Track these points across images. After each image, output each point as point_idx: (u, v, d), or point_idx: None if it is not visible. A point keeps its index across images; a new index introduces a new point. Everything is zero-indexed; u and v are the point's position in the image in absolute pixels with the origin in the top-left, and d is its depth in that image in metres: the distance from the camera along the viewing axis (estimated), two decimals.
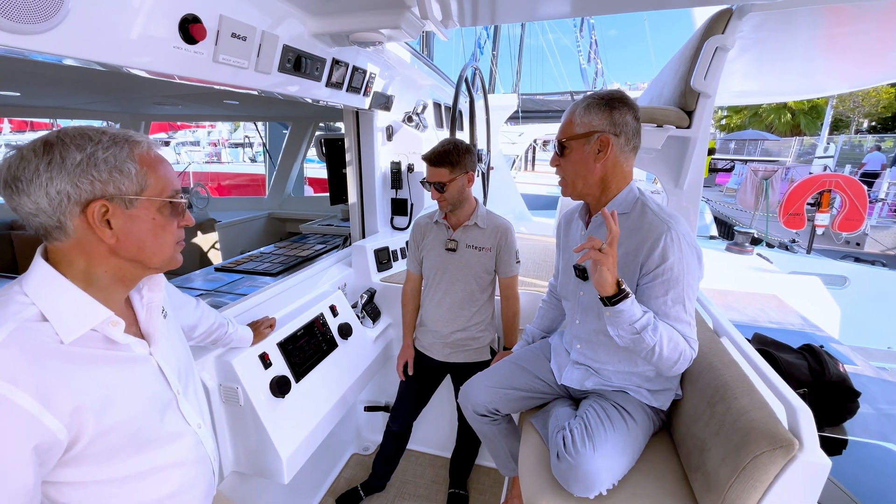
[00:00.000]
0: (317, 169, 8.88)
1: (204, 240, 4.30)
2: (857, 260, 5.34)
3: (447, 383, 2.04)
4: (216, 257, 4.24)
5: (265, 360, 1.53)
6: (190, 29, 1.06)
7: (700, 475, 1.04)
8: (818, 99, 19.61)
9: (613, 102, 1.15)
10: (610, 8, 1.64)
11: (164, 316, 0.90)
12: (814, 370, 1.54)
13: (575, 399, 1.39)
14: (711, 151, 1.90)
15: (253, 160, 15.98)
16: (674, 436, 1.27)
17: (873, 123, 22.89)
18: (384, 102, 2.39)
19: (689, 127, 1.66)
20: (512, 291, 1.84)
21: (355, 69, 1.91)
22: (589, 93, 1.21)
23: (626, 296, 1.04)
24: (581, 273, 1.23)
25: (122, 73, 1.06)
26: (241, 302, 1.74)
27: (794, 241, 7.94)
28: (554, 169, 1.27)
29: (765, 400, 0.99)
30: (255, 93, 1.49)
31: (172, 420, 0.84)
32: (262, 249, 3.13)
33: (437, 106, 3.30)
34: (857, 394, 1.49)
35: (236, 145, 23.75)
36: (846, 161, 14.62)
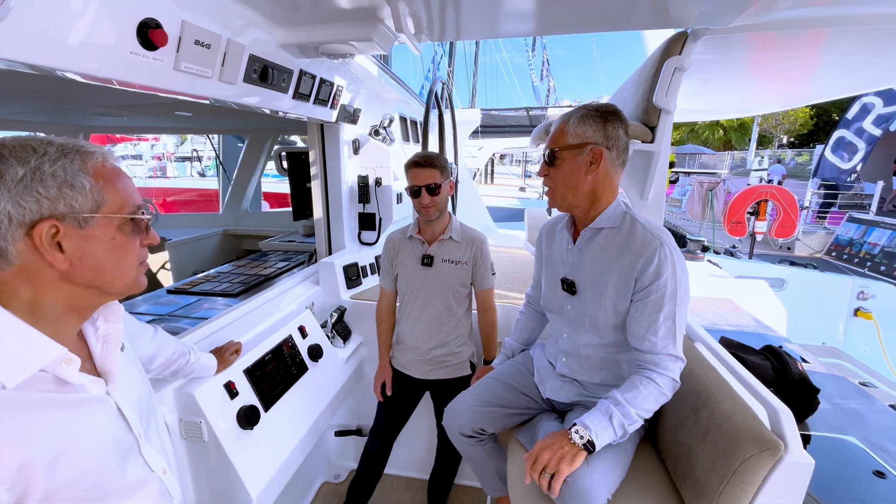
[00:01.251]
0: (273, 183, 8.57)
1: (152, 260, 3.99)
2: (793, 263, 5.82)
3: (424, 400, 1.98)
4: (166, 279, 3.95)
5: (231, 390, 1.41)
6: (150, 34, 0.98)
7: (689, 482, 1.05)
8: (746, 117, 21.53)
9: (608, 115, 1.15)
10: (571, 28, 1.69)
11: (121, 349, 0.80)
12: (777, 370, 1.63)
13: (559, 412, 1.38)
14: (671, 164, 2.00)
15: (202, 174, 15.23)
16: (657, 443, 1.29)
17: (791, 139, 25.47)
18: (351, 115, 2.34)
19: (652, 141, 1.74)
20: (489, 304, 1.83)
21: (322, 81, 1.86)
22: (584, 104, 1.21)
23: (593, 445, 1.04)
24: (569, 287, 1.23)
25: (61, 80, 0.96)
26: (202, 327, 1.61)
27: (734, 247, 8.56)
28: (514, 182, 1.26)
29: (746, 403, 1.02)
30: (208, 102, 1.39)
31: (134, 467, 0.74)
32: (218, 269, 2.94)
33: (403, 120, 3.29)
34: (817, 390, 1.59)
35: (183, 159, 22.63)
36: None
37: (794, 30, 1.55)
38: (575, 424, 1.06)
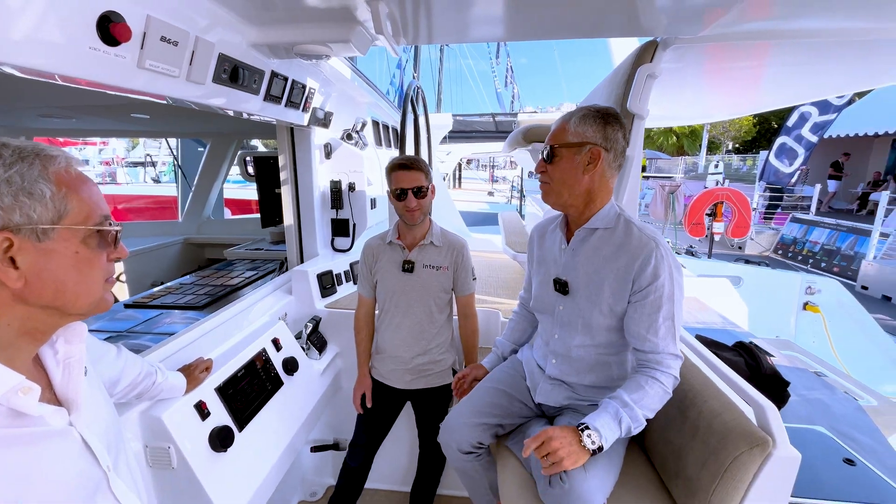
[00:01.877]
0: (235, 189, 8.25)
1: None
2: (747, 262, 6.17)
3: (404, 410, 1.93)
4: (122, 292, 3.69)
5: (202, 410, 1.32)
6: (111, 28, 0.90)
7: (681, 481, 1.07)
8: (696, 125, 22.81)
9: (608, 118, 1.17)
10: (544, 34, 1.71)
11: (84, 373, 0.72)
12: (750, 366, 1.70)
13: (548, 417, 1.38)
14: (643, 168, 2.06)
15: (156, 180, 14.46)
16: (644, 443, 1.31)
17: (737, 145, 27.21)
18: (322, 119, 2.28)
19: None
20: (470, 309, 1.80)
21: (294, 83, 1.79)
22: (587, 105, 1.21)
23: (601, 447, 1.03)
24: (561, 287, 1.23)
25: (3, 76, 0.87)
26: (167, 343, 1.50)
27: (692, 247, 9.00)
28: (482, 186, 1.25)
29: (732, 401, 1.05)
30: (171, 103, 1.30)
31: None
32: (181, 280, 2.78)
33: (376, 124, 3.23)
34: (788, 383, 1.67)
35: (135, 164, 21.46)
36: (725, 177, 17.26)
37: (756, 41, 1.64)
38: (587, 427, 1.04)
